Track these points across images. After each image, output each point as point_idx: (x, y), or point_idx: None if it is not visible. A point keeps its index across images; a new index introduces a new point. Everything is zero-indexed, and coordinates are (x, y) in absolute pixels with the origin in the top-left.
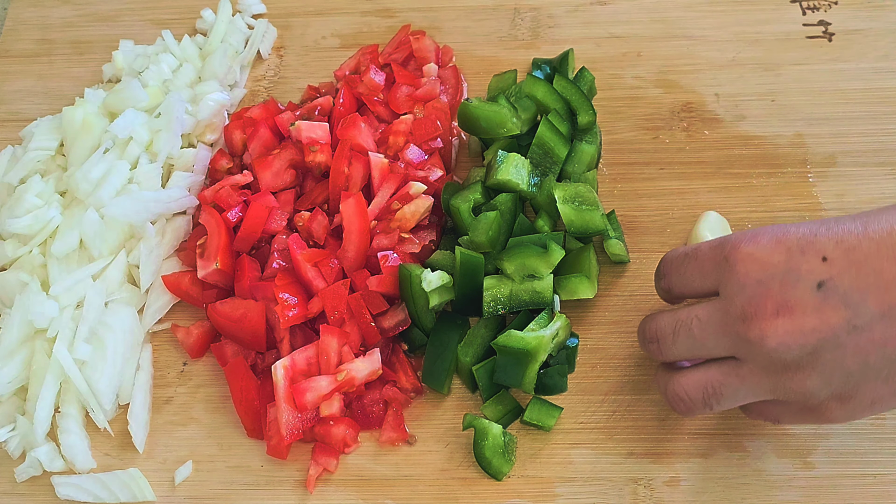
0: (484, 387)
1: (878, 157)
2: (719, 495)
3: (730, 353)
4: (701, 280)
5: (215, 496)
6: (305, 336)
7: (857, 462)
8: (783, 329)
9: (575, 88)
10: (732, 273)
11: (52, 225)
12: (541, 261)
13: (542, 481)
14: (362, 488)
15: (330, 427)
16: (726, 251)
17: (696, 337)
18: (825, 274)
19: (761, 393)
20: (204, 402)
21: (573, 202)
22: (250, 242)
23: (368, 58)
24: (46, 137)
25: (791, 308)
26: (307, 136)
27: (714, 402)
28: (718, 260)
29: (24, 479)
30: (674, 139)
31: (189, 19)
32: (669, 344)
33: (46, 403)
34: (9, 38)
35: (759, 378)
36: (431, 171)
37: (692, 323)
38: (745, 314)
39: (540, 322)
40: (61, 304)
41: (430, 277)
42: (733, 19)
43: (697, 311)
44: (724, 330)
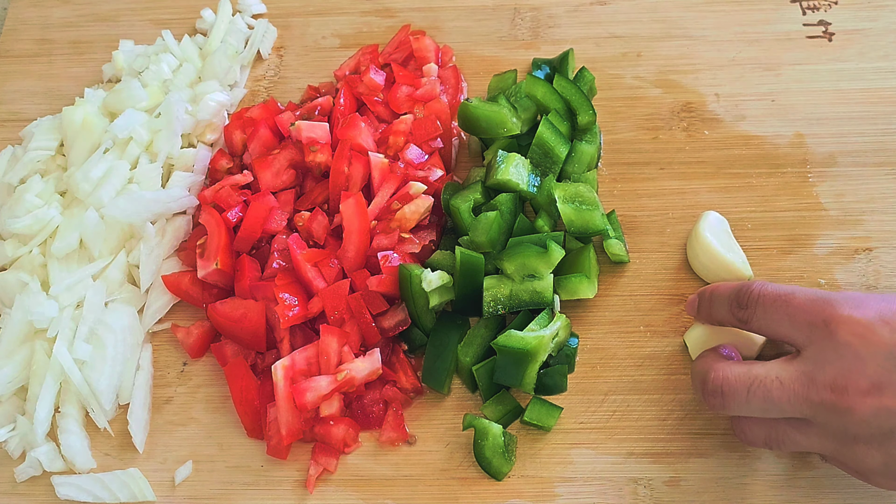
0: (484, 387)
1: (877, 156)
2: (719, 495)
3: (806, 416)
4: (788, 330)
5: (215, 496)
6: (305, 336)
7: None
8: (871, 407)
9: (575, 88)
10: (831, 339)
11: (52, 225)
12: (541, 261)
13: (542, 481)
14: (362, 488)
15: (330, 427)
16: (827, 314)
17: (775, 399)
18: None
19: (822, 451)
20: (204, 402)
21: (573, 202)
22: (250, 242)
23: (368, 58)
24: (46, 137)
25: (882, 390)
26: (307, 136)
27: (775, 446)
28: (816, 320)
29: (24, 479)
30: (674, 139)
31: (189, 19)
32: (741, 401)
33: (46, 403)
34: (9, 37)
35: (825, 441)
36: (431, 171)
37: (772, 385)
38: (836, 385)
39: (540, 322)
40: (61, 304)
41: (430, 277)
42: (733, 19)
43: (778, 371)
44: (808, 396)
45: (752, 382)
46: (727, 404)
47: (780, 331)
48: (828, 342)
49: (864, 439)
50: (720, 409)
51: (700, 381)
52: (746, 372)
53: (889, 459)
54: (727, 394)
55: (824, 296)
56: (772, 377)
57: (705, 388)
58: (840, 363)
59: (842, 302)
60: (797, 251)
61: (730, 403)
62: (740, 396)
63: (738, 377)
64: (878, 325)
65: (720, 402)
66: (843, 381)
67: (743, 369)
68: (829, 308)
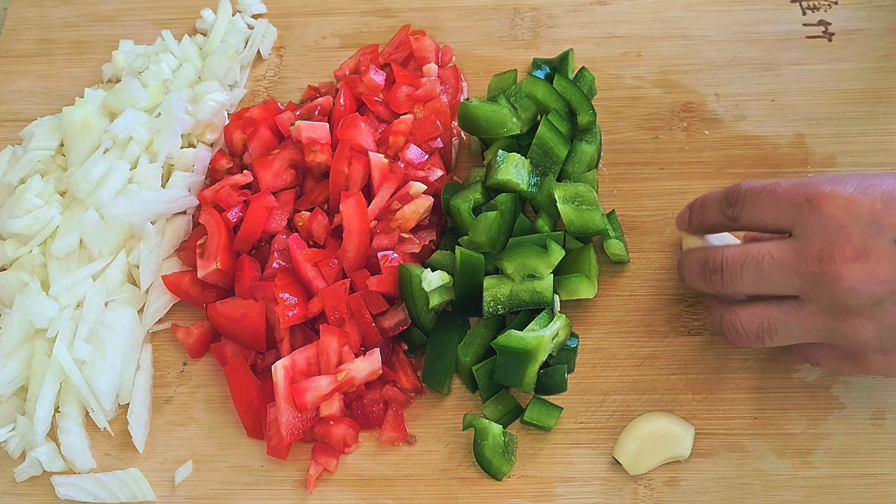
0: (484, 387)
1: (877, 156)
2: (719, 495)
3: (796, 292)
4: (775, 215)
5: (215, 496)
6: (305, 336)
7: (857, 462)
8: (857, 273)
9: (575, 88)
10: (815, 214)
11: (52, 225)
12: (541, 261)
13: (542, 481)
14: (362, 488)
15: (330, 427)
16: (809, 192)
17: (766, 272)
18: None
19: (814, 335)
20: (204, 402)
21: (573, 202)
22: (250, 242)
23: (368, 58)
24: (46, 137)
25: (868, 255)
26: (307, 136)
27: (767, 337)
28: (799, 200)
29: (24, 479)
30: (674, 139)
31: (189, 19)
32: (736, 276)
33: (46, 403)
34: (9, 38)
35: (818, 320)
36: (431, 170)
37: (763, 258)
38: (823, 254)
39: (540, 322)
40: (61, 304)
41: (430, 277)
42: (733, 19)
43: (770, 248)
44: (797, 268)
45: (745, 257)
46: (724, 280)
47: (767, 219)
48: (813, 217)
49: (854, 310)
50: (717, 287)
51: (700, 263)
52: (741, 249)
53: (882, 329)
54: (724, 269)
55: (806, 180)
56: (764, 252)
57: (706, 267)
58: (825, 234)
59: (823, 181)
60: None
61: (727, 280)
62: (735, 270)
63: (735, 253)
64: (858, 195)
65: (719, 278)
66: (830, 250)
67: (738, 248)
68: (812, 188)
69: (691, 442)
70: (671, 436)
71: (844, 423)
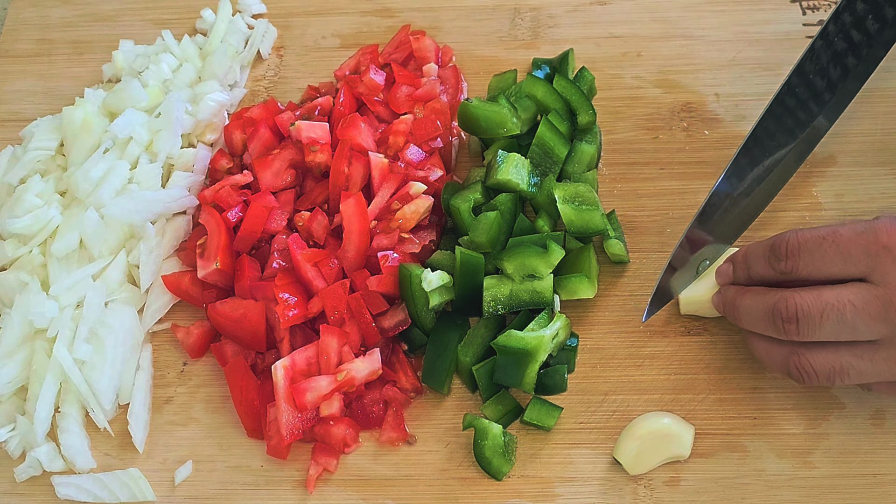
0: (484, 387)
1: (878, 156)
2: (719, 495)
3: (878, 337)
4: (843, 266)
5: (215, 496)
6: (305, 336)
7: (857, 462)
8: None
9: (575, 88)
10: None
11: (52, 225)
12: (541, 261)
13: (542, 481)
14: (362, 488)
15: (330, 427)
16: (882, 241)
17: (848, 322)
18: None
19: (886, 375)
20: (204, 402)
21: (573, 202)
22: (250, 242)
23: (368, 58)
24: (46, 137)
25: None
26: (307, 136)
27: (839, 379)
28: (873, 248)
29: (24, 479)
30: (674, 139)
31: (189, 19)
32: (815, 325)
33: (46, 403)
34: (9, 38)
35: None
36: (431, 170)
37: (846, 308)
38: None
39: (540, 322)
40: (61, 304)
41: (430, 277)
42: (733, 19)
43: (849, 296)
44: (885, 317)
45: (825, 308)
46: (801, 329)
47: (833, 270)
48: (893, 265)
49: None
50: (793, 335)
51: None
52: (817, 297)
53: None
54: (801, 319)
55: (866, 225)
56: (844, 301)
57: (777, 315)
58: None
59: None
60: None
61: (804, 329)
62: (815, 321)
63: (812, 302)
64: None
65: (794, 327)
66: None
67: (813, 295)
68: (882, 235)
69: (691, 442)
70: (671, 436)
71: (844, 423)
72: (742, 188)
